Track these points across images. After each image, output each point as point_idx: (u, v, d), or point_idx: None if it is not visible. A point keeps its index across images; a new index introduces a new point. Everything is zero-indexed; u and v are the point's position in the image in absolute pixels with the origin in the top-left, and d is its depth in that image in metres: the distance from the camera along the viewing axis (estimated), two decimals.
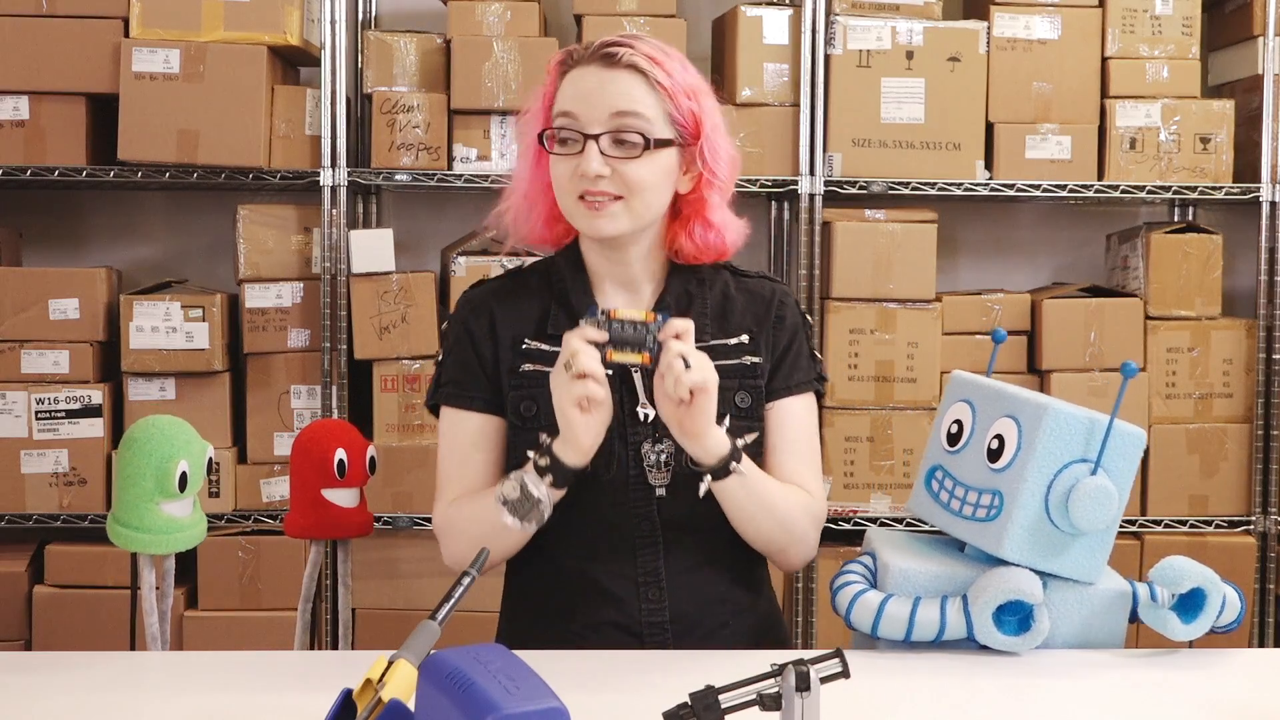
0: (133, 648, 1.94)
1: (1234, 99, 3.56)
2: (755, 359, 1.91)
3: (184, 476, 1.85)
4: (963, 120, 3.44)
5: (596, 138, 1.80)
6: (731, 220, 1.92)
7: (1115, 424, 1.78)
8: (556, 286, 1.92)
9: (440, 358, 1.96)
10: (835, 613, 1.85)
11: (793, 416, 1.94)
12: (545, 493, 1.76)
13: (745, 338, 1.92)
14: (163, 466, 1.84)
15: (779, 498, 1.87)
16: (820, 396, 2.00)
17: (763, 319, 1.94)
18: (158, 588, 1.92)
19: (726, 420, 1.83)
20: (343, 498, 2.09)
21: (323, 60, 3.39)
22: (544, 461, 1.76)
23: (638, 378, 1.86)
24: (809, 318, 2.02)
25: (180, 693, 1.65)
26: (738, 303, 1.94)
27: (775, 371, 1.94)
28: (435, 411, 1.96)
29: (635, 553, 1.87)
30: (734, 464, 1.78)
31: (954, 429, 1.90)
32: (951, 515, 1.87)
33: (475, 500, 1.88)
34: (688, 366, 1.70)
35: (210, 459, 1.92)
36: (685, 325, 1.75)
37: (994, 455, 1.82)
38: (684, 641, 1.87)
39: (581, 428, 1.73)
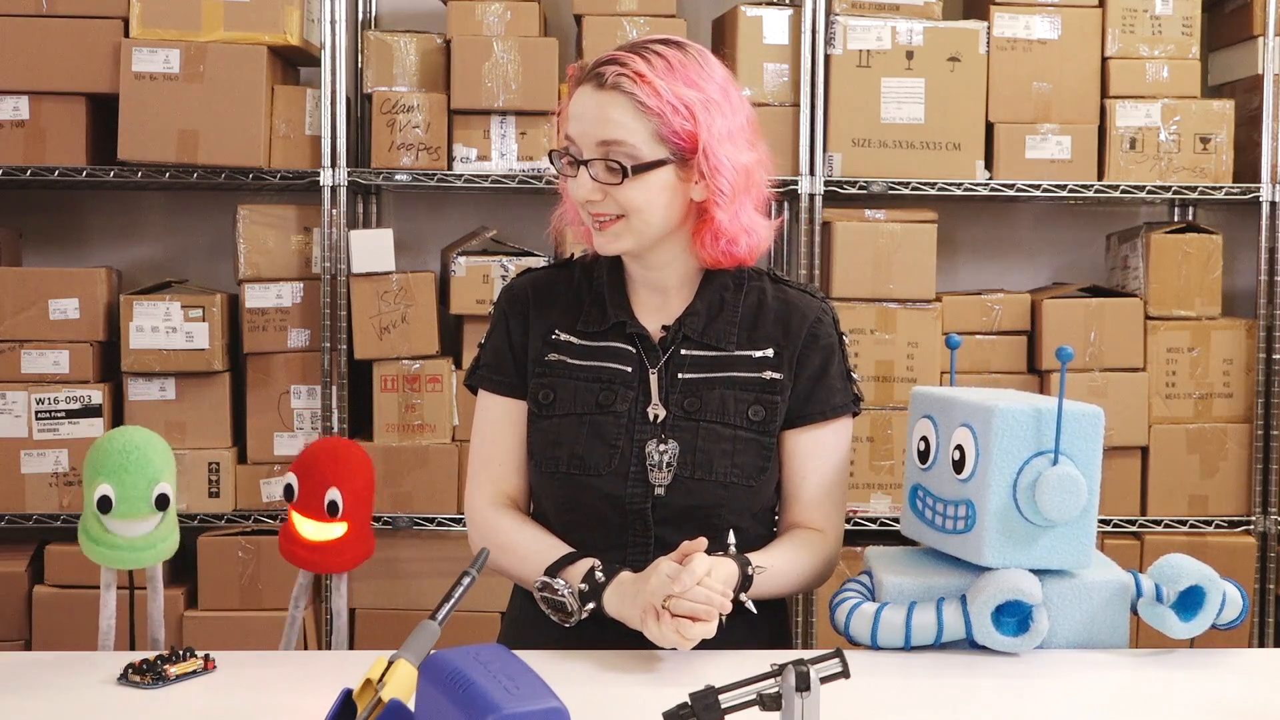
0: (131, 647, 1.94)
1: (1234, 99, 3.56)
2: (776, 375, 1.89)
3: (105, 500, 1.77)
4: (963, 120, 3.44)
5: (587, 164, 1.82)
6: (753, 225, 1.88)
7: (1068, 408, 1.79)
8: (595, 285, 1.95)
9: (482, 341, 2.01)
10: (835, 630, 1.85)
11: (821, 446, 1.93)
12: (578, 609, 1.80)
13: (770, 351, 1.90)
14: (91, 484, 1.78)
15: (793, 577, 1.88)
16: (855, 416, 1.97)
17: (793, 335, 1.91)
18: (142, 588, 1.90)
19: (731, 538, 1.81)
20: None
21: (323, 60, 3.39)
22: (590, 605, 1.79)
23: (654, 378, 1.88)
24: (845, 337, 1.98)
25: (179, 692, 1.65)
26: (771, 313, 1.92)
27: (808, 396, 1.91)
28: (474, 390, 2.01)
29: (625, 550, 1.86)
30: (743, 593, 1.78)
31: (922, 446, 1.91)
32: (936, 531, 1.88)
33: (517, 540, 1.90)
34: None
35: (162, 494, 1.79)
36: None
37: (958, 466, 1.83)
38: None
39: (633, 621, 1.74)
